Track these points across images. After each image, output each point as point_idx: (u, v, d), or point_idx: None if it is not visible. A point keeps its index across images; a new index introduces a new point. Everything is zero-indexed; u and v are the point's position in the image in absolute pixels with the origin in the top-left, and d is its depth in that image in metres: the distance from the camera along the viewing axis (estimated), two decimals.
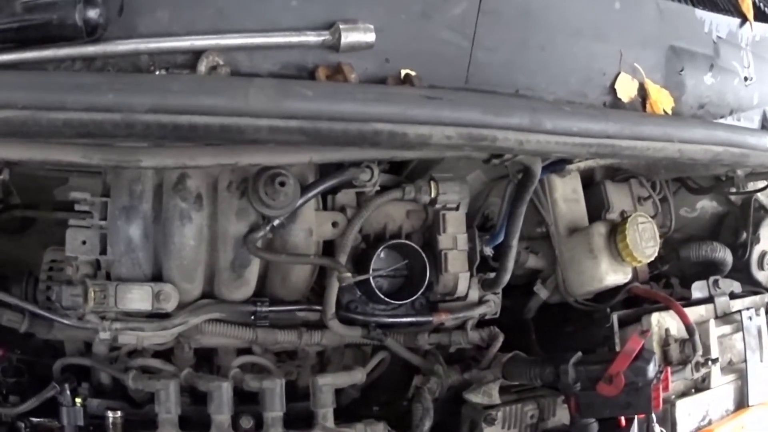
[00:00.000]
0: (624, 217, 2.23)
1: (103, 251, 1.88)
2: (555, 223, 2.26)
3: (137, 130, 1.43)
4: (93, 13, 1.47)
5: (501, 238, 2.12)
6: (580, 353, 2.00)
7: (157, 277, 1.91)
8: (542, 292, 2.31)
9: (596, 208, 2.34)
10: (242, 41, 1.57)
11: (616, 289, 2.28)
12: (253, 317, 2.00)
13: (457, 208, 2.06)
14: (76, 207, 1.91)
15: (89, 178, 2.11)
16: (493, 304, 2.14)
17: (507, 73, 1.82)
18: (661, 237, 2.26)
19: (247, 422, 1.96)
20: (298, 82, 1.57)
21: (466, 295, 2.11)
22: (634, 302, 2.34)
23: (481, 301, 2.13)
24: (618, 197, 2.36)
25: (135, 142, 1.58)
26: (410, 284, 2.05)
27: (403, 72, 1.69)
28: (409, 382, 2.23)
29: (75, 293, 1.85)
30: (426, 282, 2.00)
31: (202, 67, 1.54)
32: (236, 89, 1.46)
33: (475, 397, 2.12)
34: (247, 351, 2.13)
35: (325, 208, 2.02)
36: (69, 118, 1.41)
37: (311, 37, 1.60)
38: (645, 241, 2.19)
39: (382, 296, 1.97)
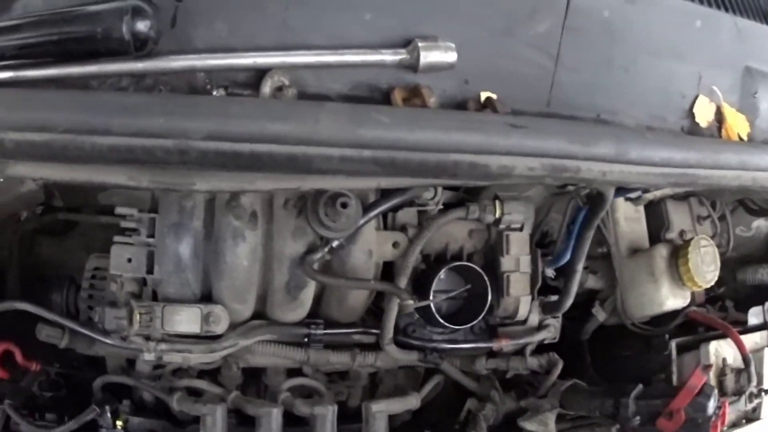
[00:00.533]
0: (685, 240, 2.01)
1: (150, 270, 1.65)
2: (616, 243, 2.03)
3: (192, 157, 1.19)
4: (142, 26, 1.22)
5: (564, 260, 1.88)
6: (641, 386, 1.78)
7: (207, 297, 1.68)
8: (600, 315, 2.08)
9: (656, 226, 2.10)
10: (311, 59, 1.33)
11: (674, 313, 2.05)
12: (306, 339, 1.78)
13: (521, 229, 1.83)
14: (122, 224, 1.68)
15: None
16: (553, 329, 1.92)
17: (589, 95, 1.58)
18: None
19: None
20: (373, 107, 1.33)
21: (526, 319, 1.89)
22: (689, 325, 2.13)
23: (541, 326, 1.90)
24: (678, 216, 2.12)
25: (195, 168, 1.35)
26: (469, 307, 1.82)
27: (483, 95, 1.46)
28: (460, 404, 2.01)
29: (119, 316, 1.62)
30: (487, 306, 1.79)
31: (267, 87, 1.31)
32: (306, 115, 1.23)
33: (531, 426, 1.90)
34: (297, 371, 1.90)
35: (385, 227, 1.78)
36: (115, 144, 1.18)
37: (387, 56, 1.36)
38: (706, 266, 1.97)
39: (442, 321, 1.75)
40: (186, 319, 1.65)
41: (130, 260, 1.66)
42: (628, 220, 2.05)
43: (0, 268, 2.02)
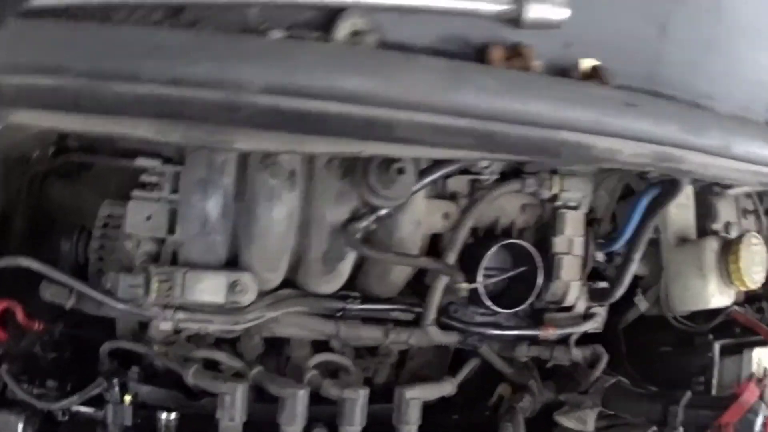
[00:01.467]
0: (735, 235, 1.69)
1: (171, 230, 1.31)
2: (665, 229, 1.71)
3: (243, 115, 0.83)
4: None
5: (617, 245, 1.55)
6: (689, 394, 1.48)
7: (233, 263, 1.34)
8: (642, 304, 1.75)
9: (702, 216, 1.77)
10: (396, 1, 0.96)
11: (716, 311, 1.74)
12: (340, 314, 1.45)
13: (577, 208, 1.50)
14: (143, 177, 1.34)
15: None
16: (599, 318, 1.58)
17: (691, 76, 1.23)
18: None
19: None
20: (473, 66, 0.97)
21: (574, 306, 1.57)
22: (726, 324, 1.82)
23: (587, 314, 1.58)
24: (724, 207, 1.79)
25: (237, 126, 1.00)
26: (515, 288, 1.50)
27: (585, 62, 1.11)
28: (488, 385, 1.70)
29: (134, 283, 1.27)
30: (537, 289, 1.47)
31: (342, 31, 0.94)
32: (395, 69, 0.87)
33: (568, 422, 1.58)
34: (323, 344, 1.55)
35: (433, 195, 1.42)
36: (144, 94, 0.82)
37: (487, 5, 0.98)
38: (755, 265, 1.64)
39: (491, 304, 1.42)
40: (209, 288, 1.30)
41: (149, 218, 1.31)
42: (678, 206, 1.70)
43: (6, 211, 1.66)
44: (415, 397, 1.43)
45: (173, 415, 1.38)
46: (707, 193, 1.76)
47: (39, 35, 0.88)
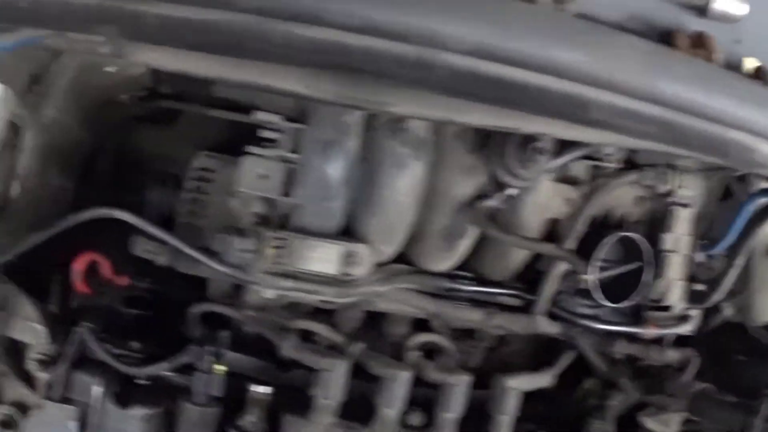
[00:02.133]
0: None
1: (287, 192, 1.13)
2: (755, 237, 1.57)
3: (437, 76, 0.68)
4: None
5: (719, 248, 1.41)
6: None
7: (347, 232, 1.17)
8: (727, 310, 1.61)
9: None
10: None
11: None
12: (449, 293, 1.28)
13: (688, 206, 1.35)
14: (262, 132, 1.17)
15: None
16: (695, 322, 1.43)
17: None
18: None
19: (416, 419, 1.25)
20: (671, 53, 0.84)
21: (671, 306, 1.41)
22: None
23: (683, 316, 1.43)
24: None
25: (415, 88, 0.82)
26: (621, 283, 1.33)
27: (749, 61, 0.97)
28: (573, 380, 1.55)
29: (246, 248, 1.10)
30: (647, 285, 1.31)
31: None
32: (602, 44, 0.74)
33: (652, 424, 1.43)
34: (421, 322, 1.36)
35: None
36: (322, 40, 0.67)
37: None
38: None
39: (603, 296, 1.27)
40: (323, 257, 1.12)
41: (264, 177, 1.14)
42: None
43: (92, 155, 1.48)
44: (515, 386, 1.27)
45: (267, 390, 1.20)
46: None
47: None
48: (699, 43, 0.92)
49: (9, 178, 1.23)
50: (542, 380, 1.33)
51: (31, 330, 1.24)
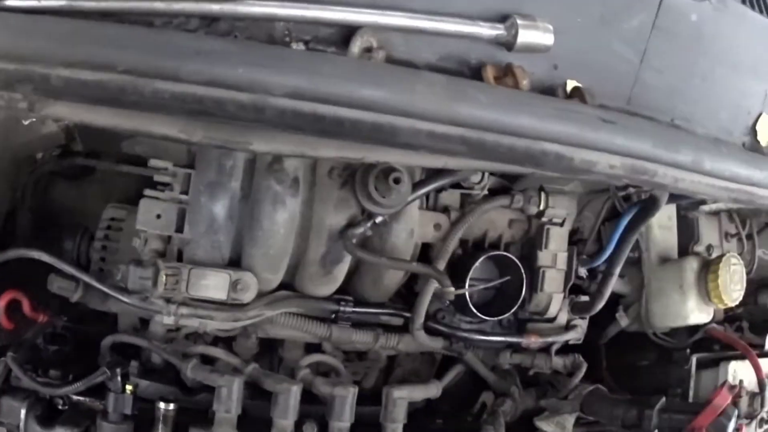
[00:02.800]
0: (715, 256, 1.91)
1: (180, 229, 1.50)
2: (647, 249, 1.94)
3: (268, 115, 1.04)
4: None
5: (599, 261, 1.78)
6: (664, 399, 1.67)
7: (235, 263, 1.54)
8: (623, 320, 1.97)
9: (685, 238, 1.99)
10: (404, 22, 1.17)
11: (695, 328, 1.96)
12: (334, 316, 1.64)
13: (561, 224, 1.71)
14: (156, 177, 1.53)
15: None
16: (580, 330, 1.80)
17: (668, 99, 1.46)
18: None
19: (310, 429, 1.61)
20: (469, 83, 1.18)
21: (555, 317, 1.78)
22: (705, 342, 2.04)
23: (568, 326, 1.79)
24: (707, 230, 2.00)
25: (257, 126, 1.20)
26: (501, 299, 1.70)
27: (570, 83, 1.33)
28: (473, 394, 1.91)
29: (144, 276, 1.45)
30: (521, 299, 1.68)
31: (356, 47, 1.15)
32: (402, 82, 1.09)
33: (548, 426, 1.79)
34: (315, 346, 1.75)
35: (427, 207, 1.64)
36: (182, 92, 1.02)
37: (484, 29, 1.20)
38: (734, 284, 1.86)
39: (475, 311, 1.63)
40: (213, 285, 1.50)
41: (159, 216, 1.51)
42: (661, 228, 1.94)
43: (11, 210, 1.86)
44: (402, 396, 1.63)
45: (171, 406, 1.55)
46: (690, 216, 2.00)
47: (90, 33, 1.08)
48: (506, 73, 1.27)
49: None
50: (429, 391, 1.70)
51: None
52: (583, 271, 1.81)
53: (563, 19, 1.29)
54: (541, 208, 1.66)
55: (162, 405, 1.56)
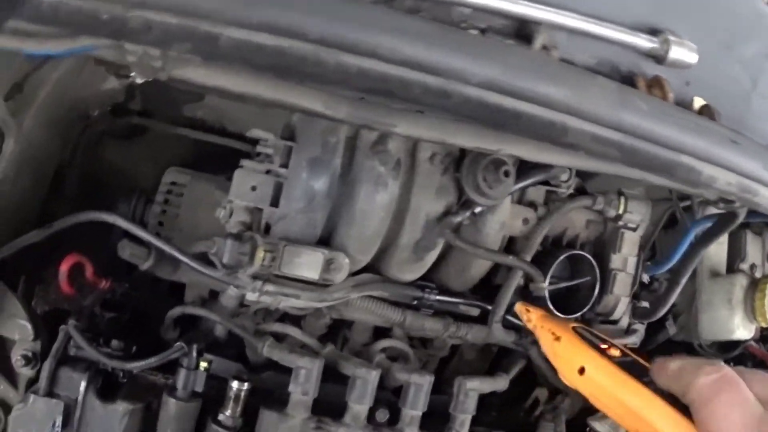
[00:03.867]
0: (759, 275, 2.01)
1: (275, 203, 1.48)
2: (701, 262, 2.00)
3: (452, 103, 1.03)
4: None
5: (663, 269, 1.83)
6: None
7: (324, 242, 1.52)
8: (672, 329, 2.02)
9: (733, 255, 2.08)
10: (576, 23, 1.17)
11: (737, 343, 2.04)
12: (415, 302, 1.64)
13: (635, 229, 1.76)
14: (258, 147, 1.50)
15: (248, 107, 1.71)
16: (639, 334, 1.84)
17: None
18: None
19: (382, 416, 1.58)
20: (633, 91, 1.21)
21: (619, 320, 1.82)
22: (739, 357, 2.12)
23: (629, 329, 1.83)
24: (752, 249, 2.09)
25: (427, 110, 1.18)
26: (572, 298, 1.74)
27: (697, 101, 1.38)
28: (523, 389, 1.93)
29: (243, 251, 1.41)
30: (594, 300, 1.71)
31: (538, 43, 1.16)
32: (580, 84, 1.10)
33: (601, 427, 1.82)
34: (383, 331, 1.73)
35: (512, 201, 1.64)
36: (369, 69, 1.00)
37: (643, 40, 1.22)
38: None
39: (553, 308, 1.65)
40: (307, 263, 1.47)
41: (254, 188, 1.48)
42: (717, 243, 2.01)
43: (61, 169, 1.78)
44: (474, 388, 1.63)
45: (246, 385, 1.51)
46: (739, 233, 2.07)
47: None
48: (655, 85, 1.30)
49: None
50: (497, 384, 1.70)
51: (18, 327, 1.54)
52: (645, 278, 1.85)
53: (700, 40, 1.33)
54: (620, 212, 1.69)
55: (235, 384, 1.51)
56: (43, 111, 1.62)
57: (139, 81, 1.24)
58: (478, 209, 1.51)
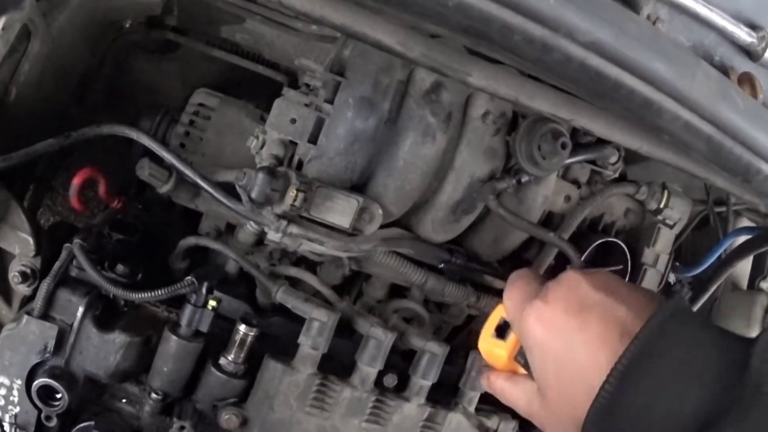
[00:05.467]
0: None
1: (313, 140, 1.38)
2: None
3: (552, 59, 0.95)
4: None
5: (691, 273, 1.78)
6: None
7: (358, 189, 1.43)
8: None
9: (753, 271, 2.04)
10: (686, 1, 1.11)
11: None
12: (442, 265, 1.55)
13: (672, 227, 1.69)
14: (305, 78, 1.40)
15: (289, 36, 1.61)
16: None
17: None
18: None
19: (391, 380, 1.50)
20: (732, 84, 1.12)
21: None
22: None
23: None
24: None
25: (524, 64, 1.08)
26: None
27: None
28: None
29: (275, 187, 1.30)
30: None
31: (644, 13, 1.08)
32: (687, 66, 1.02)
33: None
34: (399, 289, 1.64)
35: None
36: (470, 5, 0.91)
37: (743, 32, 1.15)
38: None
39: None
40: (340, 209, 1.37)
41: (294, 121, 1.38)
42: None
43: (87, 77, 1.67)
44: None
45: (253, 330, 1.42)
46: (765, 253, 2.02)
47: None
48: (746, 82, 1.23)
49: (8, 83, 1.42)
50: None
51: (19, 240, 1.43)
52: (672, 278, 1.79)
53: None
54: (661, 205, 1.62)
55: (243, 328, 1.41)
56: (75, 15, 1.52)
57: None
58: (525, 178, 1.43)
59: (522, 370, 1.19)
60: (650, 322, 0.94)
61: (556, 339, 1.03)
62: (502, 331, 1.22)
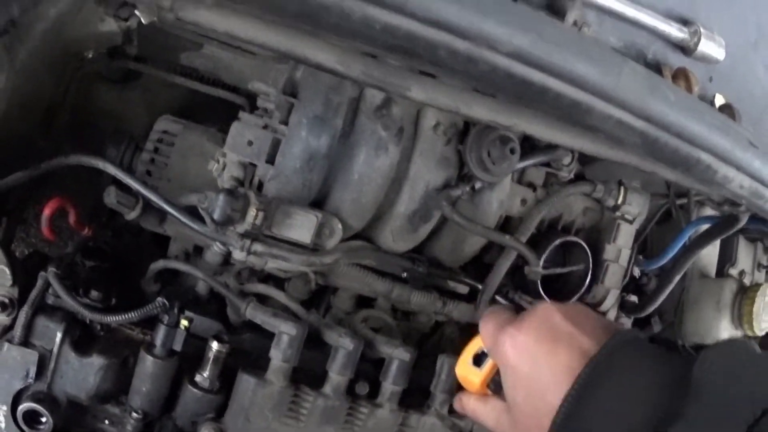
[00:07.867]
0: (747, 282, 2.02)
1: (270, 160, 1.45)
2: (693, 262, 2.00)
3: (477, 69, 1.00)
4: None
5: (656, 265, 1.83)
6: None
7: (318, 205, 1.50)
8: (656, 326, 2.04)
9: (721, 259, 2.09)
10: (613, 4, 1.18)
11: None
12: (405, 274, 1.61)
13: (632, 222, 1.75)
14: (259, 101, 1.47)
15: (246, 59, 1.67)
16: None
17: None
18: None
19: (362, 388, 1.56)
20: (661, 79, 1.19)
21: (606, 312, 1.81)
22: None
23: (616, 322, 1.84)
24: (743, 256, 2.09)
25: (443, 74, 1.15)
26: (563, 284, 1.73)
27: (719, 98, 1.37)
28: None
29: (235, 207, 1.37)
30: (585, 288, 1.70)
31: (571, 18, 1.15)
32: (612, 65, 1.07)
33: None
34: (365, 300, 1.69)
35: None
36: (396, 26, 0.96)
37: (673, 29, 1.23)
38: (765, 314, 1.98)
39: (543, 294, 1.64)
40: (299, 225, 1.44)
41: (250, 143, 1.45)
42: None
43: (52, 109, 1.74)
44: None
45: (225, 347, 1.47)
46: (733, 239, 2.08)
47: None
48: (681, 76, 1.30)
49: None
50: None
51: None
52: (636, 271, 1.85)
53: (728, 37, 1.32)
54: (619, 202, 1.68)
55: (215, 345, 1.47)
56: (38, 47, 1.56)
57: (144, 21, 1.21)
58: (478, 185, 1.49)
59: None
60: (602, 349, 1.10)
61: (526, 363, 1.19)
62: (479, 359, 1.39)
